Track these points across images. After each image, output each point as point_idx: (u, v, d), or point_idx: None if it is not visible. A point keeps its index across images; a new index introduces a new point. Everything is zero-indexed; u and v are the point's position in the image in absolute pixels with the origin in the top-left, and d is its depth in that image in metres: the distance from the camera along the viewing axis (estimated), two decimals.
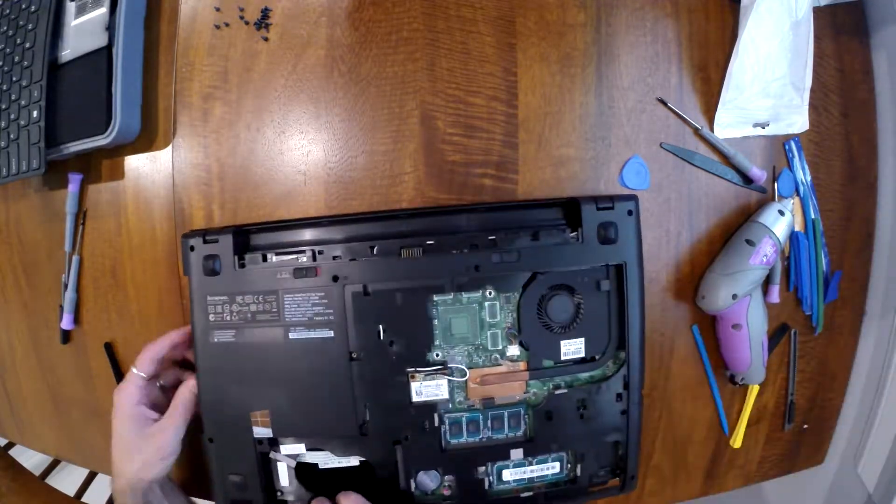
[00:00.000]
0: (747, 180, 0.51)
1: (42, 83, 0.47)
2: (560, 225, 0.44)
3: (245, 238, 0.45)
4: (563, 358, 0.44)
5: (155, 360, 0.44)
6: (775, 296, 0.52)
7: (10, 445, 0.69)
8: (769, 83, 0.49)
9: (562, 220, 0.45)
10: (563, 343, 0.44)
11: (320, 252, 0.43)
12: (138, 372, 0.44)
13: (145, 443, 0.43)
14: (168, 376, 0.47)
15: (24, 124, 0.47)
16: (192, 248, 0.43)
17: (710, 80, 0.49)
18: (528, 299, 0.43)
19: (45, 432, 0.60)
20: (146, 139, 0.49)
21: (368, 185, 0.47)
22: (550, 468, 0.45)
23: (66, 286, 0.52)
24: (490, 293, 0.43)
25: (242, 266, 0.43)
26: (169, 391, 0.46)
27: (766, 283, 0.52)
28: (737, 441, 0.54)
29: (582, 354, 0.44)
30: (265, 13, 0.47)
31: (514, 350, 0.44)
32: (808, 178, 0.53)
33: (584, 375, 0.44)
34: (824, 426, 0.59)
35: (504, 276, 0.43)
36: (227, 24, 0.47)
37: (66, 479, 0.78)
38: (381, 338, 0.43)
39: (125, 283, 0.51)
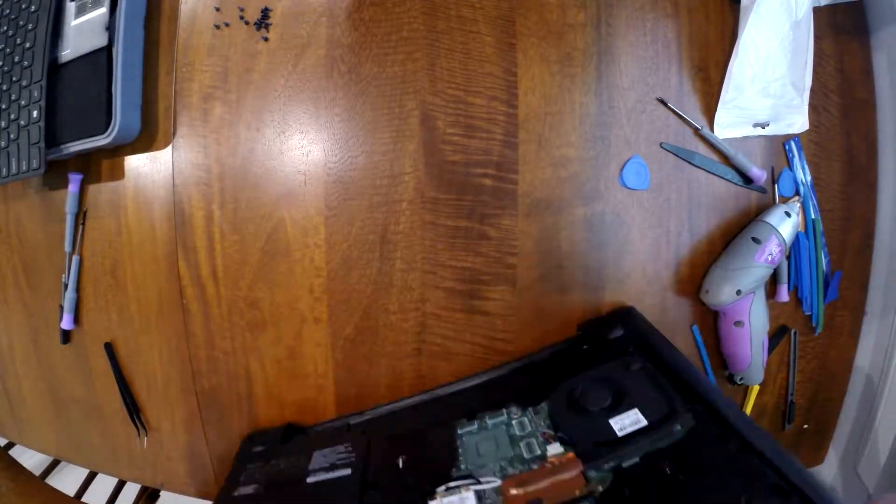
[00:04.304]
0: (747, 180, 0.51)
1: (42, 83, 0.47)
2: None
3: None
4: (619, 435, 0.36)
5: None
6: (784, 295, 0.52)
7: (10, 445, 0.69)
8: (769, 83, 0.49)
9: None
10: (612, 422, 0.36)
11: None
12: None
13: None
14: None
15: (24, 124, 0.47)
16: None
17: (710, 80, 0.49)
18: (556, 403, 0.40)
19: (45, 432, 0.60)
20: (146, 139, 0.49)
21: (368, 185, 0.47)
22: None
23: (66, 286, 0.52)
24: (515, 412, 0.41)
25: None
26: None
27: (774, 284, 0.52)
28: None
29: (643, 423, 0.36)
30: (265, 13, 0.47)
31: (556, 448, 0.36)
32: (808, 178, 0.53)
33: (661, 443, 0.35)
34: (824, 426, 0.59)
35: (524, 393, 0.42)
36: (227, 25, 0.47)
37: (66, 479, 0.78)
38: (400, 468, 0.40)
39: (125, 283, 0.51)
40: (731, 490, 0.30)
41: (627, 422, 0.36)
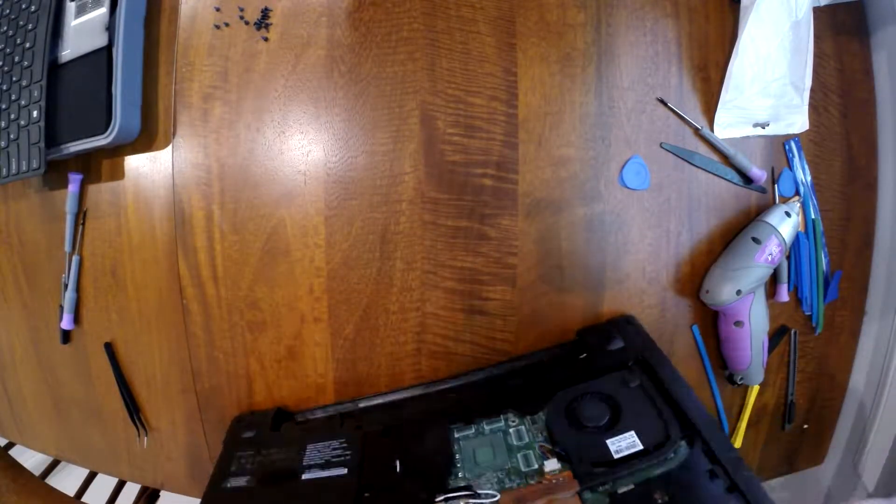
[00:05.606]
0: (747, 180, 0.51)
1: (42, 83, 0.47)
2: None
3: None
4: (616, 457, 0.37)
5: None
6: (784, 294, 0.52)
7: (10, 445, 0.69)
8: (769, 83, 0.49)
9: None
10: (609, 442, 0.37)
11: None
12: None
13: None
14: None
15: (24, 124, 0.47)
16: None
17: (710, 80, 0.49)
18: (554, 414, 0.40)
19: (45, 432, 0.60)
20: (146, 139, 0.49)
21: (368, 185, 0.47)
22: None
23: (66, 286, 0.52)
24: (513, 420, 0.41)
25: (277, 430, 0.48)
26: None
27: (774, 284, 0.52)
28: (736, 441, 0.54)
29: (639, 447, 0.37)
30: (265, 13, 0.47)
31: (553, 465, 0.37)
32: (808, 178, 0.53)
33: (655, 470, 0.36)
34: (824, 426, 0.59)
35: (522, 399, 0.43)
36: (227, 24, 0.47)
37: (66, 479, 0.78)
38: (398, 472, 0.40)
39: (125, 283, 0.51)
40: None
41: (624, 444, 0.37)
